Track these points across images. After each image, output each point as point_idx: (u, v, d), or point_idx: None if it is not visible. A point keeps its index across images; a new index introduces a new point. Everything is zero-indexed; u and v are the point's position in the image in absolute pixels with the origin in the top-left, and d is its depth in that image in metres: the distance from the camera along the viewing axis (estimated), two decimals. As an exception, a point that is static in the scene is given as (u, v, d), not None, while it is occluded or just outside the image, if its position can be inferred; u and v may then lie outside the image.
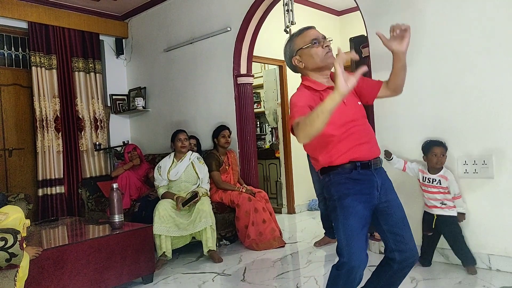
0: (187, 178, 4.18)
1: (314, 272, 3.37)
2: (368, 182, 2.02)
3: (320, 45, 2.05)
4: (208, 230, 3.85)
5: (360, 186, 2.01)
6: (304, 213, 6.08)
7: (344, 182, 2.02)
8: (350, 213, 1.98)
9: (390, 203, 2.07)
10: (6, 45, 5.43)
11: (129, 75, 6.44)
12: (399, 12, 3.50)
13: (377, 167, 2.07)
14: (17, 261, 2.29)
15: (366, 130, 2.09)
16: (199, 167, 4.24)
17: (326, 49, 2.05)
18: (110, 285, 3.05)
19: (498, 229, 3.09)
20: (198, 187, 4.15)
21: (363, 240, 1.99)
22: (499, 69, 3.03)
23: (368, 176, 2.03)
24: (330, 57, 2.04)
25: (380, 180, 2.05)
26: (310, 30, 2.11)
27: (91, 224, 3.73)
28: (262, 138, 7.62)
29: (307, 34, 2.09)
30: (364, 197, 2.00)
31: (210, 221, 3.84)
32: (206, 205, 3.91)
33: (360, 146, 2.03)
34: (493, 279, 2.94)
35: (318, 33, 2.10)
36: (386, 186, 2.08)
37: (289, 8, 4.40)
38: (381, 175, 2.08)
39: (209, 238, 3.85)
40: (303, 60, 2.07)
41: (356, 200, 1.99)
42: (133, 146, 5.10)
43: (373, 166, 2.04)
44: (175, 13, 5.64)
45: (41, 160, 5.35)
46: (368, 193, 2.02)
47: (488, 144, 3.11)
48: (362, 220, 1.98)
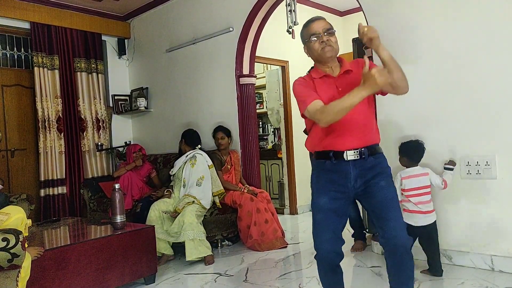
0: (178, 176, 4.28)
1: (316, 273, 3.33)
2: (340, 172, 2.12)
3: (318, 40, 2.15)
4: (187, 243, 3.77)
5: (331, 175, 2.14)
6: (307, 213, 6.06)
7: (318, 171, 2.21)
8: (315, 208, 2.20)
9: (371, 187, 2.11)
10: (8, 45, 5.44)
11: (131, 76, 6.44)
12: (401, 12, 3.49)
13: (354, 159, 2.09)
14: (19, 262, 2.28)
15: (353, 121, 2.09)
16: (187, 168, 4.21)
17: (323, 45, 2.14)
18: (112, 285, 3.05)
19: (501, 230, 3.08)
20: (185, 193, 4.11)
21: (329, 232, 2.13)
22: (501, 68, 3.02)
23: (341, 167, 2.11)
24: (327, 52, 2.15)
25: (357, 171, 2.10)
26: (313, 23, 2.20)
27: (93, 225, 3.73)
28: (264, 138, 7.61)
29: (309, 28, 2.20)
30: (333, 186, 2.13)
31: (191, 234, 3.77)
32: (187, 216, 3.82)
33: (339, 137, 2.11)
34: (496, 280, 2.92)
35: (319, 26, 2.17)
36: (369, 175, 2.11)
37: (291, 8, 4.39)
38: (360, 166, 2.10)
39: (187, 250, 3.76)
40: (308, 52, 2.23)
41: (322, 195, 2.16)
42: (139, 147, 5.09)
43: (348, 157, 2.09)
44: (177, 13, 5.64)
45: (43, 161, 5.35)
46: (340, 183, 2.12)
47: (491, 144, 3.10)
48: (327, 213, 2.13)
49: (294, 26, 4.42)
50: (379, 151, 2.18)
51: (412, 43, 3.44)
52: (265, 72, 7.00)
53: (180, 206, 3.97)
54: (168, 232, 3.91)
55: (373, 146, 2.14)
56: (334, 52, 2.16)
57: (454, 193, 3.27)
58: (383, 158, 2.19)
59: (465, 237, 3.24)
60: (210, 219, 4.16)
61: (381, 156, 2.18)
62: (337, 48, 2.19)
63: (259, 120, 7.25)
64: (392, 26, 3.55)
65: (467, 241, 3.23)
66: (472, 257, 3.20)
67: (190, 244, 3.77)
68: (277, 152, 6.45)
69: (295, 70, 6.03)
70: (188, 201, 4.01)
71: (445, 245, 3.31)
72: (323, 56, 2.16)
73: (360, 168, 2.11)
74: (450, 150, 3.25)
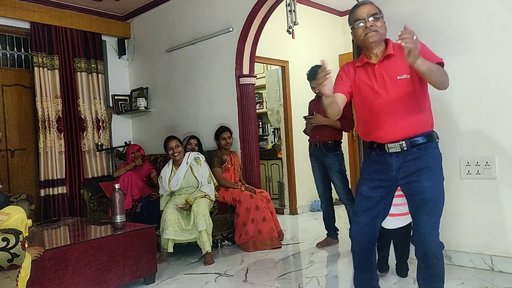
0: (188, 183, 4.18)
1: (316, 273, 3.36)
2: (383, 163, 2.15)
3: (362, 26, 2.12)
4: (203, 234, 3.84)
5: (375, 166, 2.19)
6: (307, 213, 6.07)
7: (365, 160, 2.29)
8: (357, 194, 2.28)
9: (413, 185, 2.10)
10: (8, 45, 5.44)
11: (131, 76, 6.44)
12: (401, 12, 3.49)
13: (397, 151, 2.09)
14: (19, 262, 2.29)
15: (391, 111, 2.08)
16: (197, 169, 4.20)
17: (366, 30, 2.11)
18: (112, 285, 3.05)
19: (501, 230, 3.08)
20: (197, 190, 4.13)
21: (365, 218, 2.21)
22: (501, 68, 3.02)
23: (384, 158, 2.14)
24: (370, 37, 2.10)
25: (398, 162, 2.10)
26: (359, 8, 2.16)
27: (93, 225, 3.73)
28: (264, 138, 7.62)
29: (354, 13, 2.17)
30: (376, 176, 2.18)
31: (204, 225, 3.82)
32: (202, 207, 3.90)
33: (377, 128, 2.12)
34: (496, 280, 2.92)
35: (364, 11, 2.13)
36: (412, 168, 2.08)
37: (291, 8, 4.39)
38: (404, 158, 2.09)
39: (205, 242, 3.83)
40: (353, 37, 2.22)
41: (364, 183, 2.23)
42: (137, 147, 5.10)
43: (390, 150, 2.10)
44: (177, 13, 5.64)
45: (43, 161, 5.35)
46: (383, 173, 2.16)
47: (491, 145, 3.10)
48: (366, 201, 2.21)
49: (294, 26, 4.41)
50: (426, 140, 2.10)
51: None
52: (265, 72, 7.01)
53: (191, 198, 4.01)
54: (188, 229, 3.91)
55: (418, 136, 2.08)
56: (378, 37, 2.12)
57: (454, 193, 3.27)
58: (430, 149, 2.11)
59: (465, 237, 3.24)
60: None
61: (428, 147, 2.10)
62: (384, 32, 2.15)
63: (259, 120, 7.25)
64: (390, 26, 3.55)
65: (466, 241, 3.23)
66: (472, 257, 3.20)
67: (205, 235, 3.84)
68: (277, 152, 6.45)
69: (295, 70, 6.04)
70: (199, 195, 4.05)
71: (445, 245, 3.29)
72: (366, 42, 2.12)
73: (401, 159, 2.10)
74: (450, 150, 3.25)
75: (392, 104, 2.06)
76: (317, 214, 5.87)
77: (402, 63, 2.04)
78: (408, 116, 2.08)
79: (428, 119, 2.15)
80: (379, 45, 2.14)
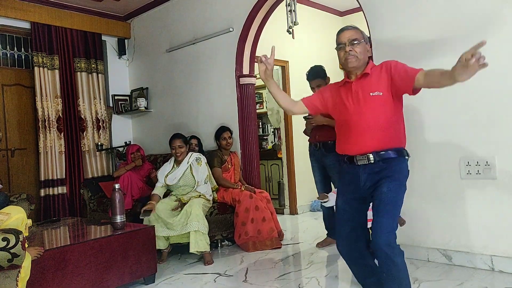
0: (185, 182, 4.15)
1: (316, 273, 3.36)
2: (353, 174, 2.27)
3: (343, 50, 2.25)
4: (191, 234, 3.77)
5: (348, 177, 2.32)
6: (307, 214, 6.07)
7: (340, 173, 2.43)
8: (335, 206, 2.46)
9: (374, 190, 2.22)
10: (8, 45, 5.44)
11: (131, 76, 6.44)
12: (402, 12, 3.49)
13: (364, 163, 2.21)
14: (19, 262, 2.29)
15: (362, 125, 2.20)
16: (196, 168, 4.19)
17: (346, 55, 2.23)
18: (111, 286, 3.05)
19: (500, 230, 3.08)
20: (193, 190, 4.12)
21: (345, 229, 2.33)
22: (501, 69, 3.02)
23: (354, 169, 2.26)
24: (349, 62, 2.23)
25: (365, 174, 2.22)
26: (342, 33, 2.29)
27: (93, 225, 3.72)
28: (264, 138, 7.61)
29: (338, 37, 2.31)
30: (348, 187, 2.32)
31: (196, 225, 3.76)
32: (195, 207, 3.85)
33: (348, 141, 2.26)
34: (495, 280, 2.93)
35: (346, 36, 2.25)
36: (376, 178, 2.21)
37: (291, 8, 4.39)
38: (370, 170, 2.21)
39: (191, 241, 3.76)
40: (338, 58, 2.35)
41: (339, 196, 2.40)
42: (137, 147, 5.10)
43: (358, 162, 2.23)
44: (177, 13, 5.64)
45: (43, 161, 5.35)
46: (353, 184, 2.28)
47: (491, 145, 3.10)
48: (343, 213, 2.35)
49: (294, 26, 4.42)
50: (394, 155, 2.19)
51: (412, 43, 3.44)
52: (265, 72, 6.99)
53: (186, 198, 4.01)
54: (171, 226, 3.87)
55: (385, 150, 2.18)
56: (357, 63, 2.23)
57: (454, 193, 3.27)
58: (397, 163, 2.21)
59: (465, 237, 3.24)
60: (210, 219, 4.16)
61: (394, 161, 2.20)
62: (363, 57, 2.24)
63: (259, 120, 7.24)
64: (391, 25, 3.56)
65: (466, 241, 3.23)
66: (472, 258, 3.20)
67: (193, 236, 3.78)
68: (277, 152, 6.45)
69: (295, 70, 6.04)
70: (194, 195, 4.04)
71: (445, 245, 3.31)
72: (346, 66, 2.27)
73: (367, 171, 2.22)
74: (451, 150, 3.25)
75: (363, 119, 2.19)
76: (317, 214, 5.88)
77: (377, 81, 2.20)
78: (378, 130, 2.18)
79: (398, 135, 2.25)
80: (359, 68, 2.27)
